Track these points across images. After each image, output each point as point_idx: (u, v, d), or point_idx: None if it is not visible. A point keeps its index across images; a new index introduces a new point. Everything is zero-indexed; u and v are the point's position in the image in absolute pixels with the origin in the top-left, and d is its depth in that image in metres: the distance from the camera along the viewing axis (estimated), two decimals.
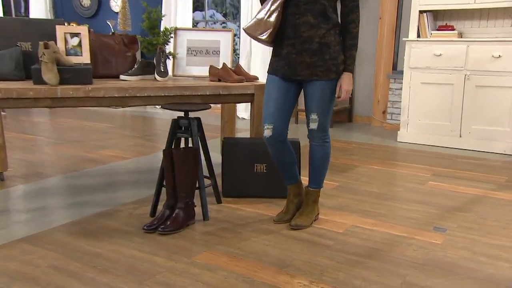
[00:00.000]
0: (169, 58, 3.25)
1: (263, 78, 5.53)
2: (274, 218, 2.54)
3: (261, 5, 2.36)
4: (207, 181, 2.91)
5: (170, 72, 3.47)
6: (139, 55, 6.41)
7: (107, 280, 1.90)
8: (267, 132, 2.38)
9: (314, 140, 2.41)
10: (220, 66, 3.24)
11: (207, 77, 3.26)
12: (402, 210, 2.75)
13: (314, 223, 2.51)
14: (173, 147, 2.62)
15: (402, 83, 4.64)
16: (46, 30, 2.95)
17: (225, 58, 3.30)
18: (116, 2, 6.96)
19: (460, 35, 4.56)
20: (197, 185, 2.57)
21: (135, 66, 3.09)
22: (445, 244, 2.29)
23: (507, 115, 4.16)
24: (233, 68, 3.21)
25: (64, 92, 2.58)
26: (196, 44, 3.33)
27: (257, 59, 5.72)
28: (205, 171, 3.25)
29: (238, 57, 5.87)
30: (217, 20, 6.79)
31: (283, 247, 2.22)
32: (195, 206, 2.50)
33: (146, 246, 2.21)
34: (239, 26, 6.29)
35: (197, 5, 7.16)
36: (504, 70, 4.09)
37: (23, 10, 7.76)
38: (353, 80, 5.58)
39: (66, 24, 3.01)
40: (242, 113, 6.01)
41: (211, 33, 3.32)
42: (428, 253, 2.18)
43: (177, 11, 6.31)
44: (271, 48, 6.11)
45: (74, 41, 2.92)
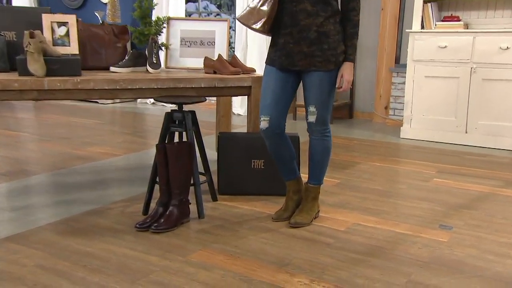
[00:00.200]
0: (162, 49, 3.25)
1: (260, 71, 5.54)
2: (273, 216, 2.54)
3: None
4: (202, 178, 2.92)
5: (163, 64, 3.47)
6: (130, 46, 6.40)
7: (98, 280, 1.89)
8: (264, 124, 2.40)
9: (314, 134, 2.42)
10: (216, 58, 3.24)
11: (202, 69, 3.26)
12: (406, 208, 2.76)
13: (314, 221, 2.52)
14: (167, 142, 2.62)
15: (405, 77, 4.66)
16: (32, 19, 2.94)
17: (221, 49, 3.30)
18: None
19: (466, 26, 4.58)
20: (192, 182, 2.57)
21: (126, 58, 3.09)
22: (451, 242, 2.30)
23: None
24: (229, 60, 3.22)
25: (52, 84, 2.58)
26: (190, 35, 3.33)
27: (254, 52, 5.72)
28: (200, 168, 3.25)
29: (233, 51, 5.87)
30: (211, 12, 6.78)
31: (282, 245, 2.23)
32: (190, 204, 2.50)
33: (139, 245, 2.21)
34: (235, 19, 6.29)
35: None
36: None
37: (5, 1, 7.72)
38: (354, 74, 5.64)
39: None
40: (238, 109, 6.01)
41: (206, 23, 3.32)
42: (434, 251, 2.20)
43: (169, 2, 6.30)
44: (268, 40, 6.11)
45: (62, 31, 2.91)
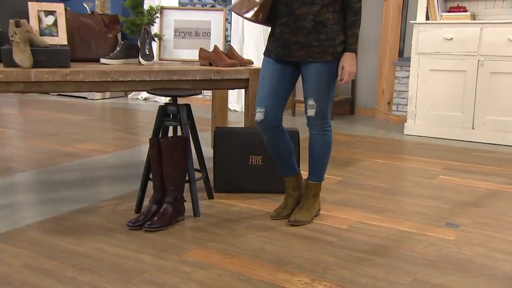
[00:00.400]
0: (155, 40, 3.25)
1: (258, 65, 5.54)
2: (272, 214, 2.55)
3: None
4: (198, 175, 2.92)
5: (156, 56, 3.47)
6: (121, 37, 6.39)
7: (89, 279, 1.89)
8: (259, 116, 2.40)
9: (313, 128, 2.43)
10: (211, 49, 3.24)
11: (197, 61, 3.26)
12: (411, 206, 2.78)
13: (315, 219, 2.53)
14: (160, 136, 2.62)
15: (409, 71, 4.67)
16: (17, 8, 2.93)
17: (217, 40, 3.30)
18: None
19: (473, 17, 4.60)
20: (187, 178, 2.57)
21: (117, 49, 3.09)
22: (459, 241, 2.31)
23: None
24: (226, 52, 3.22)
25: (39, 76, 2.57)
26: (185, 25, 3.33)
27: (251, 45, 5.72)
28: (195, 164, 3.25)
29: (229, 44, 5.87)
30: (206, 3, 6.78)
31: (282, 244, 2.23)
32: (185, 201, 2.50)
33: (132, 244, 2.21)
34: (230, 10, 6.29)
35: None
36: None
37: None
38: (356, 66, 5.65)
39: None
40: (234, 105, 6.02)
41: (201, 13, 3.32)
42: (440, 250, 2.21)
43: None
44: (266, 33, 6.11)
45: (49, 20, 2.91)
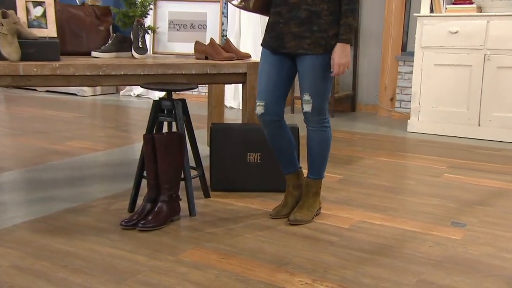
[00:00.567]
0: (148, 33, 3.25)
1: (256, 57, 5.54)
2: (271, 213, 2.55)
3: None
4: (193, 172, 2.92)
5: (150, 50, 3.47)
6: (112, 29, 6.38)
7: (81, 280, 1.89)
8: (259, 109, 2.43)
9: (310, 124, 2.43)
10: (207, 42, 3.24)
11: (192, 55, 3.26)
12: (415, 204, 2.78)
13: (316, 218, 2.53)
14: (155, 133, 2.62)
15: (413, 66, 4.68)
16: None
17: (213, 33, 3.31)
18: None
19: (479, 10, 4.61)
20: (182, 176, 2.57)
21: (109, 42, 3.08)
22: (465, 240, 2.32)
23: None
24: (222, 45, 3.22)
25: (27, 69, 2.57)
26: (179, 17, 3.33)
27: (248, 38, 5.73)
28: (191, 161, 3.25)
29: (225, 39, 5.87)
30: None
31: (281, 244, 2.24)
32: (180, 200, 2.50)
33: (125, 244, 2.21)
34: (227, 3, 6.29)
35: None
36: None
37: None
38: (356, 61, 5.67)
39: None
40: (231, 102, 6.02)
41: (197, 4, 3.32)
42: (447, 250, 2.21)
43: None
44: (264, 25, 6.12)
45: (38, 11, 2.90)
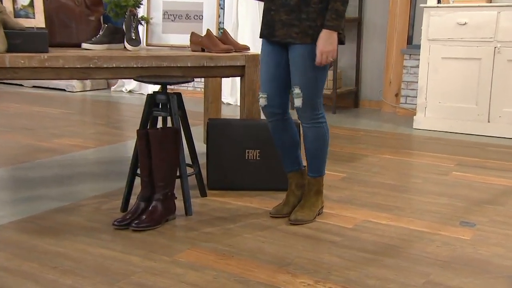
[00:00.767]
0: (142, 24, 3.25)
1: (255, 50, 5.56)
2: (271, 211, 2.56)
3: None
4: (190, 170, 2.92)
5: (143, 41, 3.46)
6: (103, 20, 6.38)
7: (71, 282, 1.90)
8: (262, 101, 2.46)
9: (303, 121, 2.42)
10: (204, 33, 3.24)
11: (188, 47, 3.26)
12: (422, 203, 2.79)
13: (318, 218, 2.54)
14: (149, 128, 2.62)
15: (419, 59, 4.69)
16: None
17: (210, 24, 3.31)
18: None
19: (489, 0, 4.62)
20: (178, 174, 2.57)
21: (100, 33, 3.08)
22: (475, 240, 2.33)
23: None
24: (219, 36, 3.22)
25: (14, 61, 2.57)
26: (174, 7, 3.33)
27: (246, 30, 5.74)
28: (187, 159, 3.25)
29: (222, 30, 5.87)
30: None
31: (282, 244, 2.24)
32: (176, 198, 2.51)
33: (118, 244, 2.21)
34: None
35: None
36: None
37: None
38: (359, 55, 5.66)
39: None
40: (228, 98, 6.02)
41: None
42: (455, 250, 2.22)
43: None
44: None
45: (25, 0, 2.90)
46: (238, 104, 5.76)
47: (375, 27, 5.62)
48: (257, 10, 5.62)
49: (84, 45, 3.03)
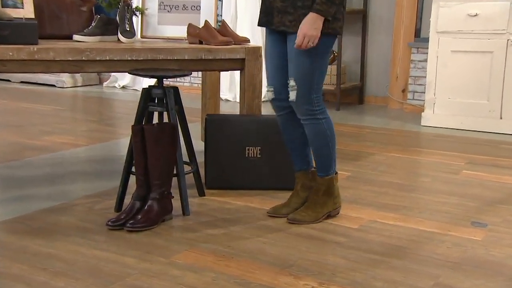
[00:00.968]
0: (136, 15, 3.25)
1: (254, 42, 5.56)
2: (268, 210, 2.58)
3: None
4: (187, 168, 2.92)
5: (138, 33, 3.47)
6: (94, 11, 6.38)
7: (63, 284, 1.90)
8: (269, 95, 2.49)
9: (301, 116, 2.41)
10: (201, 25, 3.24)
11: (185, 39, 3.27)
12: (432, 203, 2.80)
13: (321, 218, 2.53)
14: (144, 123, 2.62)
15: (427, 53, 4.70)
16: None
17: (208, 15, 3.31)
18: None
19: None
20: (175, 172, 2.57)
21: (93, 24, 3.09)
22: (487, 241, 2.34)
23: None
24: (218, 28, 3.23)
25: (2, 53, 2.57)
26: None
27: (245, 23, 5.74)
28: (184, 156, 3.26)
29: (221, 21, 5.88)
30: None
31: (284, 245, 2.25)
32: (173, 198, 2.51)
33: (112, 245, 2.22)
34: None
35: None
36: None
37: None
38: (365, 49, 5.66)
39: None
40: (226, 94, 6.02)
41: None
42: (466, 251, 2.23)
43: None
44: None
45: None
46: (237, 101, 5.76)
47: (381, 19, 5.63)
48: (257, 1, 5.63)
49: (76, 37, 3.03)
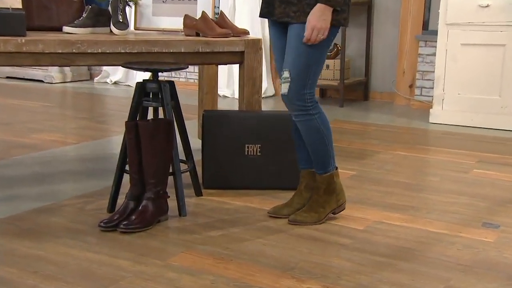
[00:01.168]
0: (130, 6, 3.25)
1: (254, 34, 5.57)
2: (269, 210, 2.59)
3: None
4: (184, 166, 2.93)
5: (132, 25, 3.47)
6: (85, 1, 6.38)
7: None
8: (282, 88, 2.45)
9: (293, 112, 2.39)
10: (198, 16, 3.25)
11: (181, 31, 3.27)
12: (441, 203, 2.81)
13: (325, 219, 2.53)
14: (138, 119, 2.63)
15: (436, 46, 4.71)
16: None
17: (205, 6, 3.32)
18: None
19: None
20: (171, 170, 2.58)
21: (84, 15, 3.09)
22: (499, 243, 2.34)
23: None
24: (216, 19, 3.23)
25: None
26: None
27: (244, 15, 5.75)
28: (181, 154, 3.26)
29: (219, 13, 5.89)
30: None
31: (286, 247, 2.26)
32: (168, 197, 2.52)
33: (105, 247, 2.22)
34: None
35: None
36: None
37: None
38: (369, 42, 5.67)
39: None
40: (224, 90, 6.03)
41: None
42: (478, 253, 2.24)
43: None
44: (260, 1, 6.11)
45: None
46: (236, 97, 5.76)
47: (387, 11, 5.64)
48: None
49: (66, 29, 3.03)
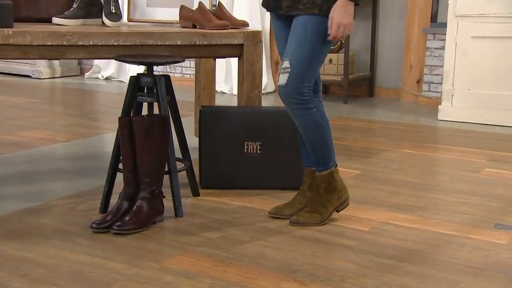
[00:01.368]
0: None
1: (253, 26, 5.58)
2: (270, 210, 2.60)
3: None
4: (180, 165, 2.94)
5: (125, 16, 3.48)
6: None
7: None
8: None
9: (290, 106, 2.39)
10: (195, 7, 3.25)
11: (177, 23, 3.27)
12: (450, 204, 2.82)
13: (329, 220, 2.54)
14: (132, 115, 2.63)
15: (445, 40, 4.72)
16: None
17: None
18: None
19: None
20: (166, 169, 2.58)
21: (74, 6, 3.09)
22: None
23: None
24: (214, 11, 3.24)
25: None
26: None
27: (242, 7, 5.76)
28: (177, 152, 3.27)
29: (216, 6, 5.90)
30: None
31: (288, 249, 2.27)
32: (164, 197, 2.52)
33: (97, 249, 2.23)
34: None
35: None
36: None
37: None
38: (375, 35, 5.67)
39: None
40: (222, 86, 6.04)
41: None
42: (489, 256, 2.25)
43: None
44: None
45: None
46: (234, 93, 5.77)
47: (394, 2, 5.65)
48: None
49: (56, 20, 3.03)
